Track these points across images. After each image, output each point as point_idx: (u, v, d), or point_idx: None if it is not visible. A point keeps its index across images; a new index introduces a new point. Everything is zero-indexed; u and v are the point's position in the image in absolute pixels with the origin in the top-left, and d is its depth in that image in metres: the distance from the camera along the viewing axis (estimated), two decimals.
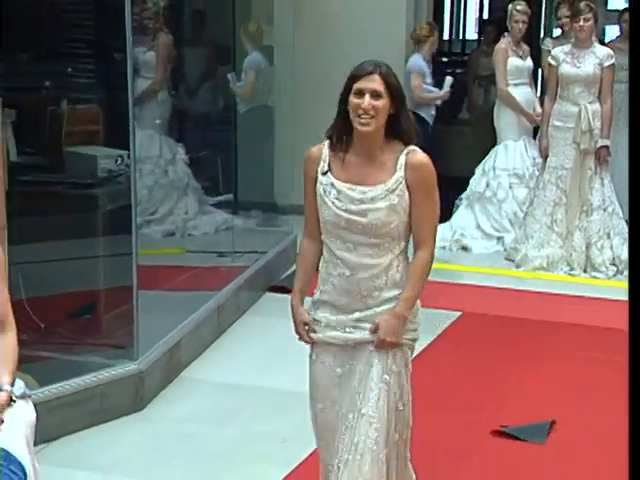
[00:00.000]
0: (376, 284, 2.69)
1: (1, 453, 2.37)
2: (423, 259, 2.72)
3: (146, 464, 3.64)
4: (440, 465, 3.61)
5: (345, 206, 2.66)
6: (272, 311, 5.45)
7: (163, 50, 6.57)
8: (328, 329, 2.77)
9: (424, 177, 2.67)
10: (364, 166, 2.69)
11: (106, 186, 4.53)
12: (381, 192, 2.65)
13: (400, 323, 2.70)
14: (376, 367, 2.71)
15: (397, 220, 2.65)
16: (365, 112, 2.59)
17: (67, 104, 4.76)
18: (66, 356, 4.24)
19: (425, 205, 2.68)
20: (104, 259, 4.77)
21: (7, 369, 2.51)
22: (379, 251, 2.68)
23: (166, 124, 6.66)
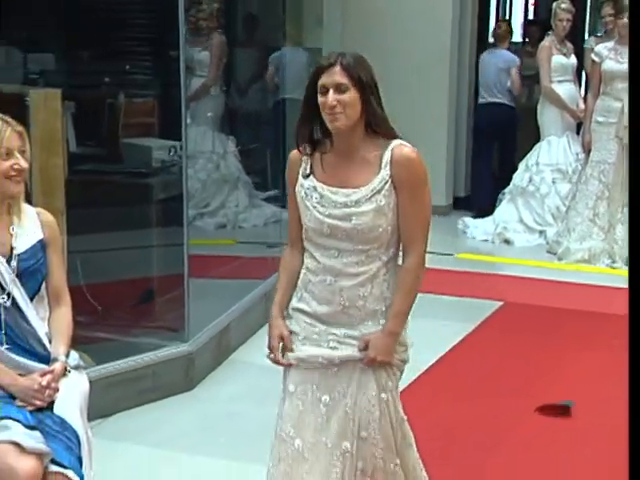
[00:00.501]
0: (360, 293, 2.39)
1: (57, 420, 2.44)
2: (412, 266, 2.39)
3: (195, 441, 3.68)
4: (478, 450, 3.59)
5: (328, 211, 2.37)
6: None
7: (216, 49, 6.65)
8: (308, 343, 2.45)
9: (411, 173, 2.36)
10: (346, 166, 2.39)
11: (160, 175, 4.60)
12: (366, 194, 2.35)
13: (392, 341, 2.41)
14: (372, 387, 2.43)
15: (385, 224, 2.35)
16: (331, 109, 2.30)
17: (124, 98, 4.83)
18: (121, 337, 4.30)
19: (413, 204, 2.36)
20: (158, 247, 4.85)
21: (62, 341, 2.57)
22: (365, 258, 2.37)
23: (218, 120, 6.74)
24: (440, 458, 3.51)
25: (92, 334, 4.01)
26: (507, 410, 3.96)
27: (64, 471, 2.35)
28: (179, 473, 3.43)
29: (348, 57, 2.35)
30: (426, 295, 5.47)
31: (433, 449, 3.60)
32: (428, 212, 2.42)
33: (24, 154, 2.49)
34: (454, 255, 6.55)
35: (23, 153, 2.48)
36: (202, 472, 3.44)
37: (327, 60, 2.35)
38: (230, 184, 6.77)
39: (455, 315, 5.31)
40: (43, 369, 2.48)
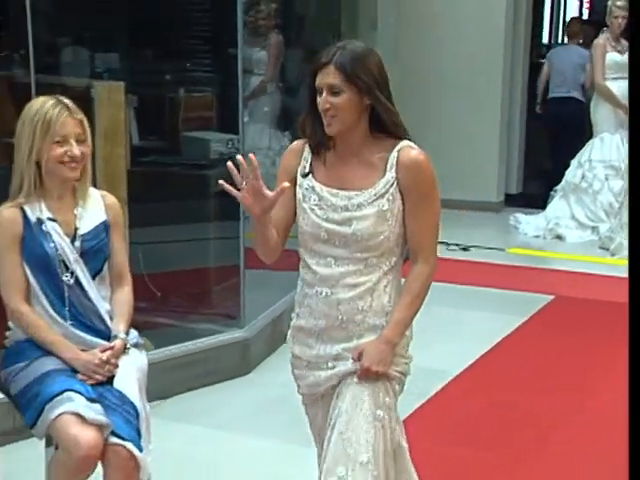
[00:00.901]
0: (359, 307, 2.15)
1: (116, 394, 2.47)
2: (422, 275, 2.16)
3: (250, 423, 3.70)
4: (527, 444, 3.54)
5: (326, 214, 2.14)
6: None
7: (274, 49, 6.66)
8: (313, 369, 2.24)
9: (418, 178, 2.14)
10: (348, 168, 2.17)
11: (218, 168, 4.63)
12: (368, 197, 2.12)
13: (389, 349, 2.15)
14: (367, 403, 2.15)
15: (387, 230, 2.13)
16: (324, 112, 2.10)
17: (184, 93, 4.89)
18: (181, 323, 4.35)
19: (422, 211, 2.14)
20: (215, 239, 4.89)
21: (122, 320, 2.60)
22: (364, 268, 2.14)
23: (275, 117, 6.75)
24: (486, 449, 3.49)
25: (154, 320, 4.07)
26: (555, 405, 3.89)
27: (123, 443, 2.37)
28: (234, 453, 3.45)
29: (346, 53, 2.09)
30: (477, 288, 5.52)
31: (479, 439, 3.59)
32: (437, 219, 2.19)
33: (82, 142, 2.49)
34: (505, 250, 6.47)
35: (81, 141, 2.48)
36: (256, 453, 3.45)
37: (324, 57, 2.10)
38: None
39: (505, 308, 5.25)
40: (104, 345, 2.52)
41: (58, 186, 2.53)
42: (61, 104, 2.47)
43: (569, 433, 3.68)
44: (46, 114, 2.44)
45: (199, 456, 3.41)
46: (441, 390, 4.03)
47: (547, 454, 3.47)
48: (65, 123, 2.44)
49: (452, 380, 4.13)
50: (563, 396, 3.98)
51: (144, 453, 2.42)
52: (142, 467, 2.40)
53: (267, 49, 6.63)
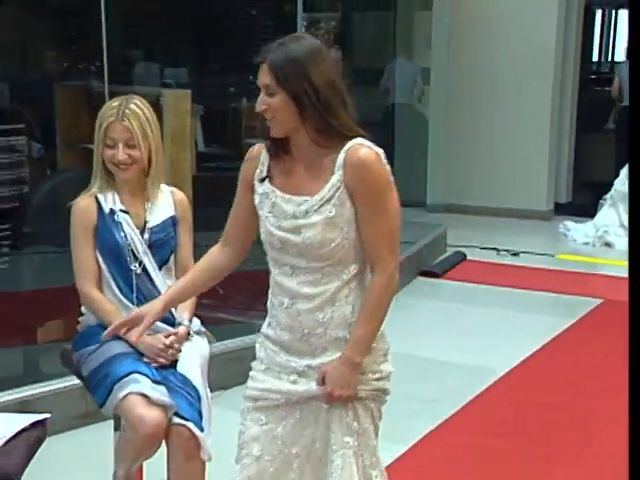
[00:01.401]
0: (319, 318, 1.93)
1: (180, 377, 2.50)
2: (378, 286, 1.91)
3: None
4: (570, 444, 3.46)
5: (278, 222, 1.92)
6: (422, 292, 5.50)
7: None
8: (269, 374, 2.02)
9: (367, 178, 1.85)
10: (300, 172, 1.94)
11: None
12: (314, 203, 1.89)
13: (351, 371, 1.91)
14: (335, 429, 1.95)
15: (339, 237, 1.88)
16: (262, 113, 1.89)
17: (246, 103, 4.95)
18: (241, 319, 4.38)
19: (374, 215, 1.87)
20: None
21: (186, 308, 2.62)
22: (322, 277, 1.91)
23: None
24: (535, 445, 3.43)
25: (216, 315, 4.10)
26: (601, 407, 3.80)
27: (186, 423, 2.40)
28: None
29: (281, 52, 1.86)
30: (526, 291, 5.44)
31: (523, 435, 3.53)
32: (393, 222, 1.91)
33: (132, 147, 2.48)
34: (555, 256, 6.37)
35: (131, 146, 2.48)
36: None
37: (262, 52, 1.90)
38: None
39: (554, 311, 5.17)
40: (168, 331, 2.55)
41: (121, 186, 2.58)
42: (117, 109, 2.48)
43: (613, 435, 3.57)
44: (102, 118, 2.49)
45: None
46: (489, 387, 3.97)
47: (589, 455, 3.40)
48: (113, 129, 2.47)
49: (501, 378, 4.08)
50: (609, 398, 3.88)
51: (205, 433, 2.44)
52: (203, 447, 2.42)
53: None
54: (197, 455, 2.42)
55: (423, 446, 3.39)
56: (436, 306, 5.25)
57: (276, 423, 2.00)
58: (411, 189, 7.24)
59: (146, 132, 2.50)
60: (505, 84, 7.50)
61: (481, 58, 7.55)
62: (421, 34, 7.77)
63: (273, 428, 2.00)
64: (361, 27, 8.14)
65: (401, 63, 7.44)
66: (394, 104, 7.19)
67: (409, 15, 7.79)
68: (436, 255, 6.19)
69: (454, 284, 5.70)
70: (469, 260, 6.24)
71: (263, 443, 2.01)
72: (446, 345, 4.55)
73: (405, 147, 7.31)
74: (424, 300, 5.34)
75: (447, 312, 5.14)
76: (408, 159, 7.26)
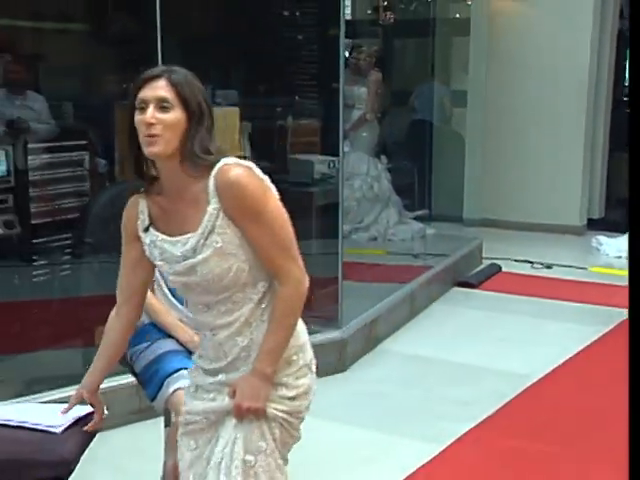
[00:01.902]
0: (239, 344, 1.80)
1: None
2: (282, 298, 1.77)
3: (345, 413, 3.69)
4: (599, 447, 3.39)
5: (172, 268, 1.78)
6: (458, 301, 5.45)
7: (373, 85, 6.71)
8: (196, 397, 1.89)
9: (244, 197, 1.70)
10: (177, 209, 1.77)
11: (320, 185, 4.69)
12: (199, 239, 1.72)
13: (262, 383, 1.77)
14: (238, 445, 1.78)
15: (236, 263, 1.74)
16: (148, 127, 1.67)
17: (292, 121, 4.99)
18: None
19: (260, 231, 1.72)
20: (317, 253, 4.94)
21: None
22: (233, 305, 1.78)
23: (373, 147, 6.79)
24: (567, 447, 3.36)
25: None
26: None
27: None
28: (330, 439, 3.44)
29: (179, 72, 1.72)
30: (560, 302, 5.36)
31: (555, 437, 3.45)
32: (282, 230, 1.77)
33: None
34: (587, 269, 6.26)
35: None
36: (351, 439, 3.44)
37: (150, 72, 1.72)
38: (382, 203, 6.79)
39: (587, 320, 5.06)
40: None
41: None
42: None
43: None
44: None
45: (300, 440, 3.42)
46: (523, 392, 3.91)
47: (620, 457, 3.32)
48: None
49: (534, 383, 4.02)
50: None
51: None
52: None
53: (367, 85, 6.70)
54: None
55: (457, 447, 3.35)
56: (471, 314, 5.20)
57: (205, 447, 1.86)
58: (448, 205, 7.24)
59: None
60: (539, 104, 7.44)
61: (516, 80, 7.52)
62: (459, 58, 7.78)
63: (202, 452, 1.87)
64: (401, 52, 8.16)
65: (429, 85, 7.45)
66: (432, 124, 7.19)
67: (447, 41, 7.79)
68: (472, 267, 6.15)
69: (489, 294, 5.64)
70: (504, 272, 6.17)
71: (195, 469, 1.88)
72: (481, 351, 4.50)
73: (443, 165, 7.28)
74: (460, 309, 5.29)
75: (482, 320, 5.08)
76: (446, 176, 7.25)
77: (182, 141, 1.70)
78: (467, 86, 7.55)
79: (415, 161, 7.13)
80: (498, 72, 7.48)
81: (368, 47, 6.90)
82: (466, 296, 5.59)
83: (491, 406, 3.71)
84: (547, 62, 7.39)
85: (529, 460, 3.22)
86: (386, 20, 7.66)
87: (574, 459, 3.24)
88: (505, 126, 7.54)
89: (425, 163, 7.09)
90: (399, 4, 8.05)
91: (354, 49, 6.60)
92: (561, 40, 7.35)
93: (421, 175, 7.04)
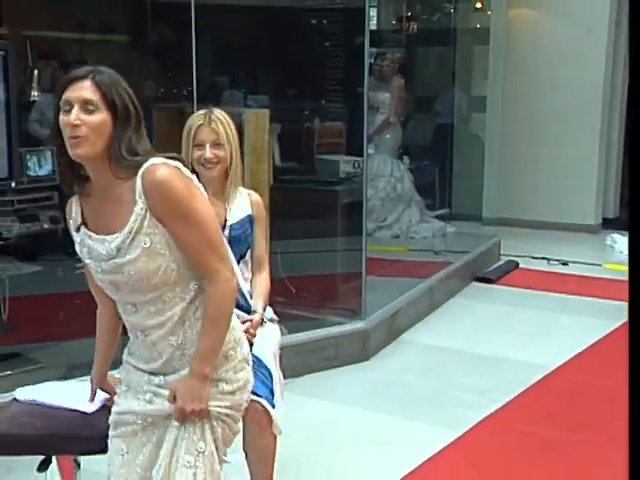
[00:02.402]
0: (173, 343, 1.71)
1: (254, 359, 2.50)
2: (213, 297, 1.68)
3: (367, 400, 3.68)
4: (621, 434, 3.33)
5: (99, 266, 1.69)
6: (477, 296, 5.41)
7: (396, 91, 6.70)
8: (129, 395, 1.79)
9: (170, 197, 1.61)
10: (104, 208, 1.68)
11: (345, 184, 4.69)
12: (124, 238, 1.64)
13: (200, 384, 1.68)
14: (180, 447, 1.70)
15: (165, 262, 1.66)
16: (73, 128, 1.59)
17: (319, 123, 4.99)
18: (312, 315, 4.37)
19: (186, 230, 1.64)
20: (342, 245, 4.93)
21: (261, 298, 2.61)
22: (164, 305, 1.69)
23: (396, 150, 6.77)
24: (584, 433, 3.31)
25: (290, 312, 4.10)
26: None
27: (259, 400, 2.39)
28: (353, 423, 3.44)
29: (104, 73, 1.63)
30: (575, 297, 5.29)
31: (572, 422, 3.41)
32: (209, 229, 1.67)
33: (218, 147, 2.48)
34: (602, 265, 6.17)
35: (217, 146, 2.48)
36: (373, 425, 3.42)
37: (75, 73, 1.62)
38: (404, 202, 6.76)
39: (601, 314, 4.98)
40: (244, 317, 2.56)
41: (206, 184, 2.60)
42: (203, 115, 2.50)
43: None
44: (191, 124, 2.52)
45: (324, 424, 3.42)
46: (540, 380, 3.88)
47: None
48: (201, 132, 2.49)
49: (551, 372, 3.97)
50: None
51: (276, 410, 2.43)
52: (274, 421, 2.41)
53: (390, 91, 6.67)
54: (269, 428, 2.41)
55: (475, 432, 3.32)
56: (490, 308, 5.15)
57: (136, 452, 1.76)
58: (468, 204, 7.20)
59: (229, 135, 2.52)
60: (556, 108, 7.39)
61: (534, 85, 7.47)
62: (478, 66, 7.76)
63: (134, 457, 1.76)
64: (424, 60, 8.14)
65: (450, 90, 7.44)
66: (453, 128, 7.17)
67: (468, 49, 7.77)
68: (490, 263, 6.11)
69: (507, 289, 5.59)
70: (521, 268, 6.11)
71: (125, 474, 1.76)
72: (498, 342, 4.46)
73: (463, 166, 7.26)
74: (479, 302, 5.25)
75: (500, 313, 5.03)
76: (465, 177, 7.23)
77: (108, 142, 1.62)
78: (486, 92, 7.52)
79: (436, 163, 7.11)
80: (516, 78, 7.46)
81: (392, 55, 6.89)
82: (484, 291, 5.54)
83: (508, 394, 3.67)
84: (564, 66, 7.32)
85: (545, 446, 3.18)
86: (409, 30, 7.64)
87: (589, 445, 3.20)
88: (523, 129, 7.51)
89: (446, 164, 7.07)
90: (422, 15, 8.02)
91: (378, 56, 6.59)
92: (577, 47, 7.28)
93: (442, 176, 7.02)
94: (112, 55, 5.76)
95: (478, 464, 3.06)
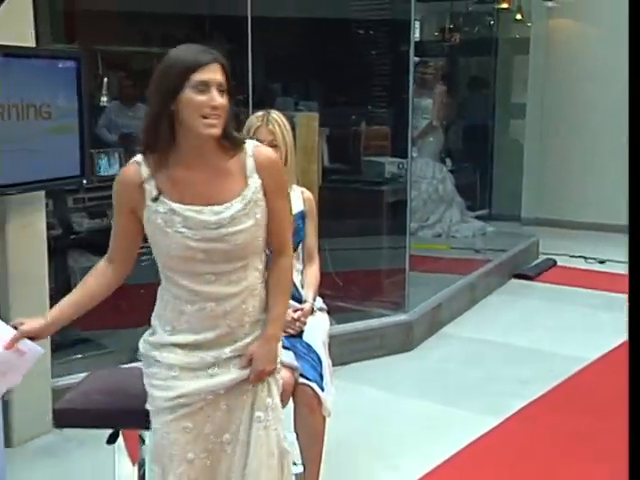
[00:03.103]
0: (244, 310, 1.72)
1: (305, 345, 2.50)
2: (286, 266, 1.77)
3: (410, 387, 3.65)
4: None
5: (199, 234, 1.65)
6: (516, 292, 5.32)
7: (439, 97, 6.64)
8: (184, 377, 1.70)
9: (278, 174, 1.72)
10: (207, 180, 1.68)
11: (390, 184, 4.67)
12: (240, 208, 1.67)
13: (276, 345, 1.77)
14: (254, 407, 1.73)
15: (262, 234, 1.72)
16: (213, 109, 1.60)
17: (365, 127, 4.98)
18: (359, 307, 4.35)
19: (284, 208, 1.75)
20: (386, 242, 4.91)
21: (311, 289, 2.60)
22: (243, 273, 1.71)
23: (438, 153, 6.71)
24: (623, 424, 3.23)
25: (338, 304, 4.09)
26: None
27: (309, 383, 2.39)
28: (397, 409, 3.41)
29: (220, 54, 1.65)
30: (612, 294, 5.17)
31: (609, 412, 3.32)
32: (291, 210, 1.84)
33: (274, 147, 2.43)
34: None
35: (273, 147, 2.41)
36: (416, 411, 3.39)
37: (205, 56, 1.62)
38: (446, 203, 6.70)
39: None
40: (295, 306, 2.56)
41: None
42: (262, 117, 2.51)
43: None
44: (250, 125, 2.51)
45: (370, 408, 3.40)
46: (578, 372, 3.79)
47: None
48: (259, 132, 2.49)
49: (588, 365, 3.88)
50: None
51: (325, 393, 2.42)
52: (323, 404, 2.40)
53: (433, 97, 6.62)
54: (319, 411, 2.40)
55: (513, 421, 3.26)
56: (528, 303, 5.06)
57: (202, 424, 1.72)
58: (507, 205, 7.11)
59: (284, 136, 2.53)
60: (593, 113, 7.28)
61: (572, 91, 7.37)
62: (518, 74, 7.68)
63: (201, 429, 1.72)
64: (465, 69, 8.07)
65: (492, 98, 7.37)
66: (493, 133, 7.10)
67: (508, 58, 7.69)
68: (529, 261, 6.01)
69: (545, 286, 5.48)
70: (559, 266, 5.99)
71: (194, 446, 1.71)
72: (537, 336, 4.37)
73: (502, 170, 7.17)
74: (517, 298, 5.16)
75: (538, 308, 4.94)
76: (505, 180, 7.14)
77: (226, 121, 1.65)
78: (526, 99, 7.42)
79: (477, 166, 7.03)
80: (555, 86, 7.38)
81: (434, 63, 6.83)
82: (523, 287, 5.44)
83: (546, 385, 3.60)
84: (602, 75, 7.18)
85: (580, 435, 3.11)
86: (452, 40, 7.58)
87: (622, 435, 3.10)
88: (561, 134, 7.44)
89: (487, 167, 7.00)
90: (464, 27, 7.96)
91: (421, 65, 6.54)
92: (615, 57, 7.08)
93: (482, 178, 6.94)
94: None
95: (519, 449, 3.01)
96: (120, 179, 1.71)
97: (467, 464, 2.88)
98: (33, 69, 2.83)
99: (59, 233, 3.66)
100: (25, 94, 2.77)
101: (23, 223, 2.90)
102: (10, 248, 2.87)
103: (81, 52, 3.09)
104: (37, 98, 2.81)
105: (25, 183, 2.80)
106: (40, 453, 2.92)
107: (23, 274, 2.92)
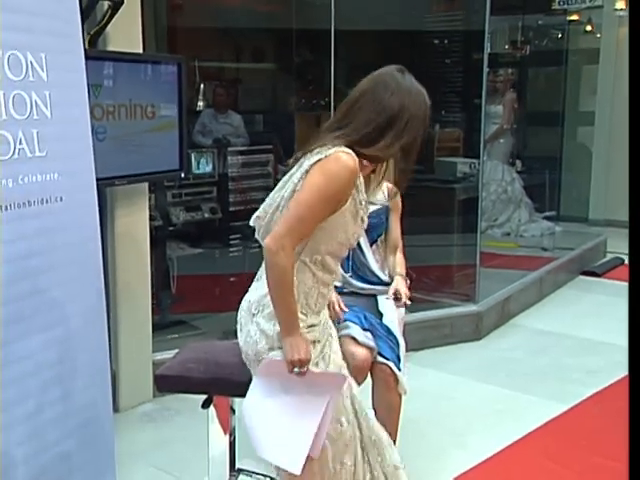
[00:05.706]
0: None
1: (384, 327, 2.48)
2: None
3: (480, 373, 3.56)
4: None
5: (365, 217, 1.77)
6: (584, 287, 5.12)
7: (508, 103, 6.47)
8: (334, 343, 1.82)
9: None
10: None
11: (462, 183, 4.57)
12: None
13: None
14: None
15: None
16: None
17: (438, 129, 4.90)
18: (432, 298, 4.28)
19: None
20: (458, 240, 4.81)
21: (401, 267, 2.60)
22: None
23: (507, 156, 6.54)
24: None
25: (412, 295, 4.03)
26: None
27: (387, 362, 2.38)
28: (467, 393, 3.34)
29: None
30: None
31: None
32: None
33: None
34: None
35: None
36: (484, 395, 3.31)
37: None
38: (514, 204, 6.51)
39: None
40: (372, 288, 2.54)
41: None
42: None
43: None
44: None
45: (441, 392, 3.35)
46: None
47: None
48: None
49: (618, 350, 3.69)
50: None
51: (402, 372, 2.41)
52: (400, 382, 2.39)
53: (503, 104, 6.46)
54: (395, 388, 2.39)
55: (581, 407, 3.14)
56: (595, 298, 4.86)
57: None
58: (575, 207, 6.88)
59: None
60: None
61: None
62: (587, 83, 7.43)
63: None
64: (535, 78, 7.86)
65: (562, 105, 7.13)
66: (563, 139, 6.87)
67: (577, 68, 7.44)
68: (596, 259, 5.77)
69: (612, 282, 5.23)
70: (627, 265, 5.71)
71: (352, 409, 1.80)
72: (604, 329, 4.18)
73: (571, 173, 6.95)
74: (585, 293, 4.96)
75: (605, 303, 4.72)
76: (573, 183, 6.93)
77: None
78: (595, 107, 7.17)
79: (547, 169, 6.82)
80: (624, 94, 7.02)
81: (505, 70, 6.68)
82: (590, 283, 5.23)
83: (612, 375, 3.43)
84: None
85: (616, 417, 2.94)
86: (522, 52, 7.39)
87: None
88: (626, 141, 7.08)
89: (556, 171, 6.79)
90: (534, 39, 7.75)
91: (492, 73, 6.39)
92: None
93: (552, 181, 6.72)
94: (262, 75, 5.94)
95: (588, 433, 2.89)
96: (354, 169, 1.63)
97: (536, 447, 2.78)
98: (140, 73, 2.93)
99: (159, 224, 3.77)
100: (133, 95, 2.87)
101: (128, 212, 3.01)
102: (117, 233, 2.99)
103: (182, 57, 3.16)
104: (143, 99, 2.91)
105: (130, 175, 2.91)
106: (143, 419, 3.01)
107: (127, 255, 3.03)
